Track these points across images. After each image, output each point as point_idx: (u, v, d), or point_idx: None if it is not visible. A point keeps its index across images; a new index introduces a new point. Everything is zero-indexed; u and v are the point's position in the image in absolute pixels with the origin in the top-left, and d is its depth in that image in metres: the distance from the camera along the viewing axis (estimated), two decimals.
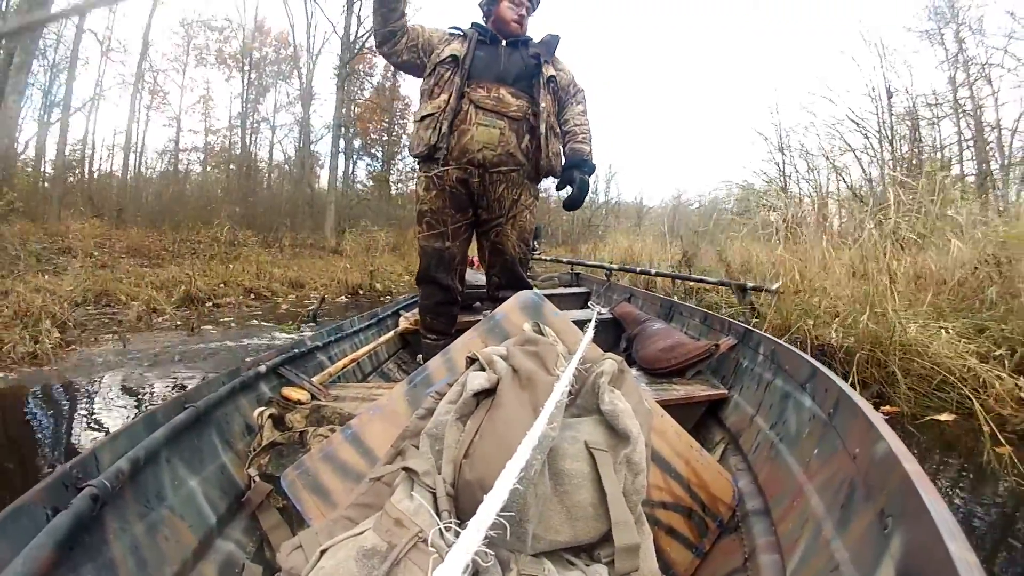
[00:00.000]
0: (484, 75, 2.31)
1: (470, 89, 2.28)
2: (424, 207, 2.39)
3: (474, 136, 2.25)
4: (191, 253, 10.42)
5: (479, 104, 2.27)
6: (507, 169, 2.33)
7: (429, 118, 2.29)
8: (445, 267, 2.43)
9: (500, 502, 0.50)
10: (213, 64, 22.44)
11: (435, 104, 2.28)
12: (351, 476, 1.24)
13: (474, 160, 2.27)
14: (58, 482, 0.89)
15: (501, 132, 2.27)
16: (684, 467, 1.28)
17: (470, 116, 2.26)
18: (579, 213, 20.75)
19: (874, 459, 0.81)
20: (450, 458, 0.86)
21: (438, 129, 2.25)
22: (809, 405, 1.27)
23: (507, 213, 2.40)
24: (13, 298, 4.58)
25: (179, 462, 1.23)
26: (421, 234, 2.44)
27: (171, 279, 7.39)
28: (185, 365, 3.94)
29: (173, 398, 1.38)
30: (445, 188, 2.33)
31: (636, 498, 0.90)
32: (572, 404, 1.02)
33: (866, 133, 13.17)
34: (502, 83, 2.31)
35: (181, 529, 1.10)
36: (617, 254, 10.41)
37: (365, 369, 2.58)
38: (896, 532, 0.65)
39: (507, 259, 2.47)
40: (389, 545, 0.74)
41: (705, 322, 2.46)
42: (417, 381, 1.43)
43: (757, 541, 1.09)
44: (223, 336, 5.25)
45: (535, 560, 0.81)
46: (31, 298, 4.62)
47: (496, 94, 2.28)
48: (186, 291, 6.72)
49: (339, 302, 8.23)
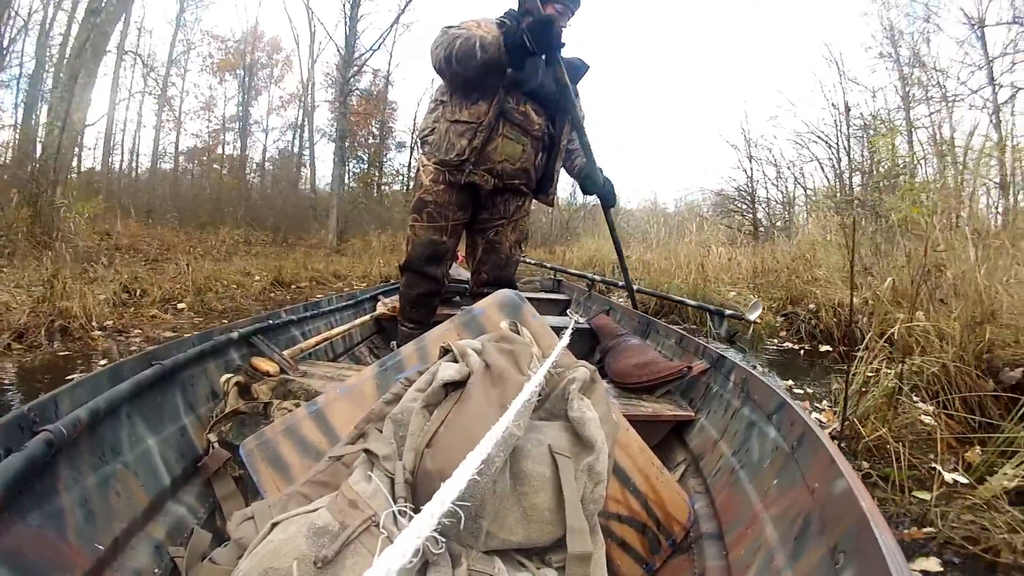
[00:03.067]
0: (520, 87, 2.27)
1: (505, 100, 2.24)
2: (428, 198, 2.36)
3: (499, 147, 2.25)
4: (228, 251, 11.37)
5: (509, 117, 2.24)
6: (519, 183, 2.36)
7: (464, 125, 2.25)
8: (437, 260, 2.43)
9: (457, 491, 0.50)
10: (215, 71, 22.67)
11: (473, 112, 2.24)
12: (311, 452, 1.23)
13: (493, 170, 2.27)
14: (13, 423, 0.87)
15: (523, 149, 2.29)
16: (643, 483, 1.29)
17: (499, 127, 2.24)
18: (557, 215, 20.94)
19: (832, 495, 0.82)
20: (412, 445, 0.86)
21: (471, 140, 2.23)
22: (773, 436, 1.27)
23: (509, 216, 2.44)
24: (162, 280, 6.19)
25: (139, 419, 1.21)
26: (418, 223, 2.40)
27: (241, 270, 8.64)
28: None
29: (140, 353, 1.36)
30: (456, 185, 2.31)
31: (593, 507, 0.90)
32: (540, 407, 1.02)
33: (828, 143, 14.33)
34: (531, 99, 2.28)
35: (134, 487, 1.08)
36: (583, 256, 10.96)
37: (337, 349, 2.56)
38: (847, 568, 0.65)
39: (501, 258, 2.49)
40: (341, 525, 0.74)
41: (680, 343, 2.47)
42: (388, 366, 1.43)
43: (708, 564, 1.09)
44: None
45: (486, 557, 0.81)
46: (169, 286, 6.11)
47: (523, 109, 2.27)
48: (275, 277, 8.50)
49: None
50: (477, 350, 1.06)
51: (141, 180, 19.36)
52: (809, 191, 14.04)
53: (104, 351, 3.93)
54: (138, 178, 19.54)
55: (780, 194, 14.60)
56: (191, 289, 6.36)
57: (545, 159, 2.41)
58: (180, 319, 5.36)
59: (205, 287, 6.71)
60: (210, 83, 22.69)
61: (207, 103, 22.66)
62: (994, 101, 11.57)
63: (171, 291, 6.04)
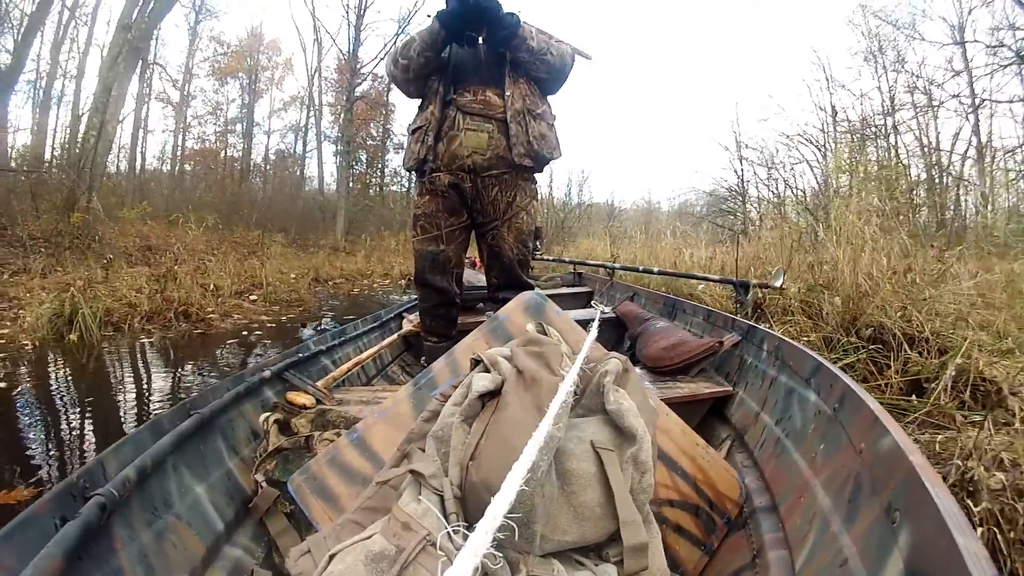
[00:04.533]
0: (469, 78, 2.29)
1: (457, 95, 2.27)
2: (418, 211, 2.40)
3: (463, 142, 2.24)
4: (248, 252, 11.72)
5: (465, 109, 2.25)
6: (498, 172, 2.31)
7: (418, 131, 2.30)
8: (439, 270, 2.43)
9: (507, 504, 0.50)
10: (219, 75, 23.39)
11: (423, 116, 2.29)
12: (357, 480, 1.24)
13: (464, 166, 2.26)
14: (65, 492, 0.89)
15: (489, 136, 2.25)
16: (690, 465, 1.28)
17: (458, 122, 2.25)
18: (552, 215, 20.92)
19: (879, 453, 0.81)
20: (456, 460, 0.86)
21: (425, 142, 2.26)
22: (814, 400, 1.26)
23: (502, 216, 2.39)
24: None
25: (185, 469, 1.23)
26: (415, 237, 2.44)
27: (277, 269, 9.43)
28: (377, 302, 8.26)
29: (178, 405, 1.38)
30: (437, 192, 2.33)
31: (643, 497, 0.90)
32: (577, 404, 1.02)
33: (817, 145, 15.25)
34: (487, 84, 2.28)
35: (188, 536, 1.10)
36: (578, 255, 11.10)
37: (369, 372, 2.57)
38: (903, 525, 0.65)
39: (504, 261, 2.46)
40: (397, 549, 0.74)
41: (708, 319, 2.45)
42: (422, 383, 1.43)
43: (765, 537, 1.08)
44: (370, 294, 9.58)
45: (544, 561, 0.81)
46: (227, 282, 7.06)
47: (482, 96, 2.26)
48: (314, 276, 9.88)
49: (402, 283, 11.19)
50: (507, 357, 1.06)
51: (156, 182, 19.96)
52: (798, 191, 14.56)
53: (225, 330, 5.46)
54: (152, 180, 20.11)
55: (771, 194, 14.97)
56: (256, 284, 7.61)
57: (523, 127, 2.29)
58: (258, 308, 6.70)
59: (263, 283, 7.73)
60: (216, 87, 23.71)
61: (215, 108, 23.63)
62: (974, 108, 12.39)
63: (236, 286, 7.14)
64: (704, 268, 6.34)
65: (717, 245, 8.28)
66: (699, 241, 8.10)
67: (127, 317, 5.29)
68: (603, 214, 25.48)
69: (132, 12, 8.88)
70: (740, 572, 1.08)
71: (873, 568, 0.67)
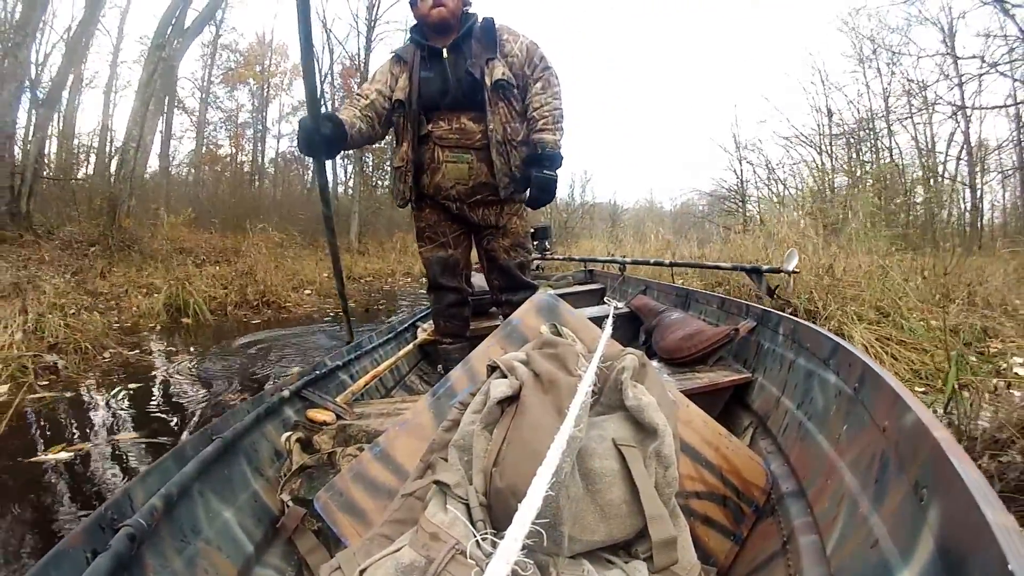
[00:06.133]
0: (439, 106, 2.22)
1: (432, 126, 2.23)
2: (421, 224, 2.44)
3: (445, 174, 2.25)
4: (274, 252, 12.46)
5: (442, 143, 2.23)
6: (482, 198, 2.32)
7: (398, 170, 2.32)
8: (451, 272, 2.49)
9: (534, 510, 0.50)
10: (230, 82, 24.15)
11: (399, 156, 2.29)
12: (383, 493, 1.24)
13: (450, 196, 2.29)
14: (94, 525, 0.90)
15: (470, 166, 2.25)
16: (714, 455, 1.28)
17: (437, 155, 2.24)
18: (556, 216, 21.08)
19: (903, 430, 0.80)
20: (480, 468, 0.86)
21: (407, 181, 2.28)
22: (834, 381, 1.25)
23: (495, 225, 2.40)
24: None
25: (211, 494, 1.24)
26: (423, 248, 2.48)
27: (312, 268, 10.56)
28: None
29: (199, 431, 1.39)
30: (437, 205, 2.37)
31: (669, 491, 0.90)
32: (596, 403, 1.02)
33: (816, 147, 15.35)
34: (460, 109, 2.22)
35: (219, 560, 1.11)
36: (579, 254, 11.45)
37: (387, 384, 2.58)
38: (932, 503, 0.64)
39: (501, 265, 2.47)
40: (427, 560, 0.75)
41: (722, 307, 2.44)
42: (440, 393, 1.44)
43: (794, 523, 1.08)
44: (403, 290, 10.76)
45: (574, 562, 0.81)
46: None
47: (458, 125, 2.23)
48: (348, 274, 10.17)
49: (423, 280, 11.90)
50: (523, 361, 1.06)
51: (177, 186, 20.38)
52: (795, 191, 14.85)
53: (302, 315, 6.81)
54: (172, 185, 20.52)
55: (771, 194, 15.27)
56: (305, 279, 8.88)
57: (505, 158, 2.24)
58: (314, 299, 7.96)
59: (312, 279, 9.16)
60: (228, 93, 24.44)
61: (228, 114, 24.39)
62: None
63: (285, 282, 8.01)
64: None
65: (708, 244, 9.07)
66: (688, 242, 9.06)
67: (221, 306, 6.68)
68: (605, 214, 25.50)
69: (165, 31, 9.59)
70: (772, 559, 1.08)
71: (904, 547, 0.67)
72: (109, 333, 4.76)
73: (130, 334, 5.19)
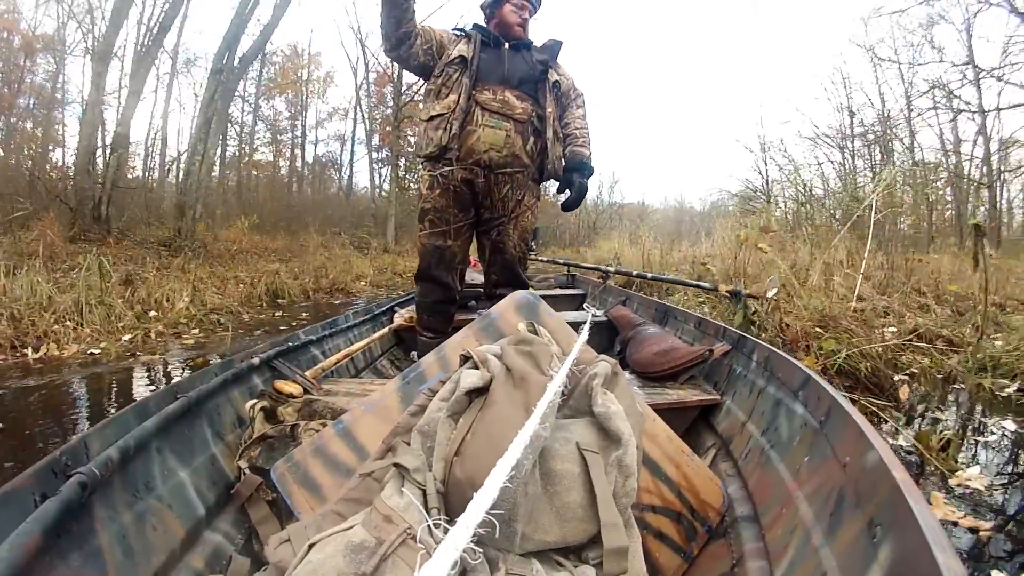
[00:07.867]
0: (489, 77, 2.33)
1: (476, 91, 2.30)
2: (427, 205, 2.42)
3: (481, 137, 2.27)
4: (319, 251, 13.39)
5: (485, 106, 2.29)
6: (512, 170, 2.37)
7: (439, 118, 2.31)
8: (446, 265, 2.46)
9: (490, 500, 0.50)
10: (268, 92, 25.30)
11: (444, 104, 2.30)
12: (341, 471, 1.24)
13: (480, 161, 2.30)
14: (47, 468, 0.89)
15: (507, 134, 2.30)
16: (675, 471, 1.28)
17: (476, 118, 2.28)
18: (584, 216, 21.18)
19: (864, 468, 0.81)
20: (441, 455, 0.86)
21: (448, 129, 2.27)
22: (801, 413, 1.27)
23: (510, 213, 2.44)
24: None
25: (169, 452, 1.22)
26: (422, 231, 2.46)
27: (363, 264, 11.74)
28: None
29: (165, 388, 1.38)
30: (449, 187, 2.36)
31: (626, 500, 0.90)
32: (565, 405, 1.02)
33: (841, 147, 15.74)
34: (507, 86, 2.34)
35: (169, 520, 1.09)
36: (597, 255, 12.16)
37: (358, 365, 2.57)
38: (885, 541, 0.65)
39: (507, 258, 2.51)
40: (377, 541, 0.74)
41: (699, 327, 2.46)
42: (411, 378, 1.43)
43: (745, 547, 1.09)
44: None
45: (523, 560, 0.81)
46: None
47: (502, 96, 2.31)
48: (392, 272, 11.87)
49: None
50: (497, 355, 1.06)
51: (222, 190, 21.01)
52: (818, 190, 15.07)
53: (368, 300, 7.53)
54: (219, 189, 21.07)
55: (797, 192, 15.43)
56: (358, 275, 10.23)
57: (540, 143, 2.44)
58: (367, 291, 9.18)
59: (363, 275, 10.44)
60: (270, 104, 25.56)
61: (269, 123, 25.45)
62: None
63: (346, 274, 9.80)
64: (676, 265, 7.73)
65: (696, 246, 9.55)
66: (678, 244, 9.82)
67: (303, 292, 8.12)
68: (634, 215, 25.66)
69: (223, 58, 10.57)
70: None
71: None
72: (232, 308, 6.11)
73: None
